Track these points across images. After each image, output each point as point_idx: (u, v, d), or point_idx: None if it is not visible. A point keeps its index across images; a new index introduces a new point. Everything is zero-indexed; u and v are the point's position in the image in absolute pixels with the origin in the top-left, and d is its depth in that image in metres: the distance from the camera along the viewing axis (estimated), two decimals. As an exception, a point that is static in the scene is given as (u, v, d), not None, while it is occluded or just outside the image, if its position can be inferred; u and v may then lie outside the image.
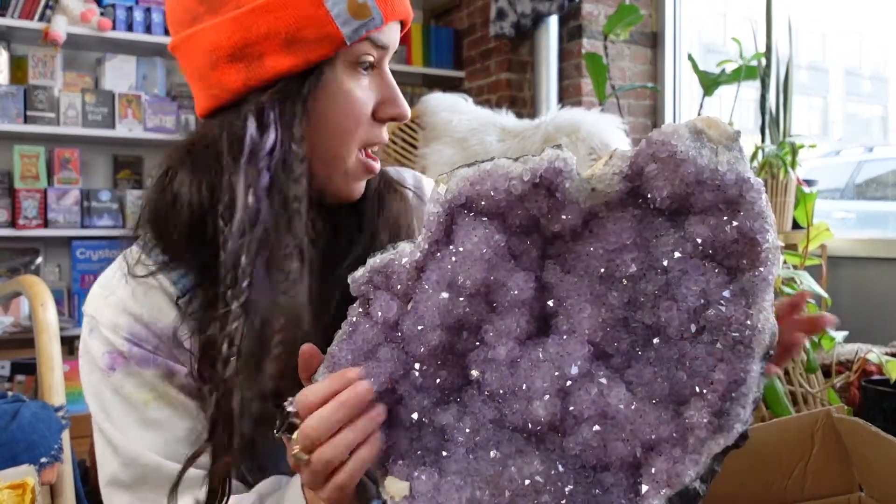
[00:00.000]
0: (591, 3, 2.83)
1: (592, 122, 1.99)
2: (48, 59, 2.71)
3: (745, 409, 0.46)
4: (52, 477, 1.15)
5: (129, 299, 0.65)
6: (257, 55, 0.61)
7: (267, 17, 0.61)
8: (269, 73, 0.61)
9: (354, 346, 0.52)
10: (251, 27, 0.61)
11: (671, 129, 0.49)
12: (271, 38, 0.61)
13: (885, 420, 1.64)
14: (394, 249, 0.53)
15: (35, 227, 2.62)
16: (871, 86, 3.44)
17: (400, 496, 0.50)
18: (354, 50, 0.63)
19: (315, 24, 0.61)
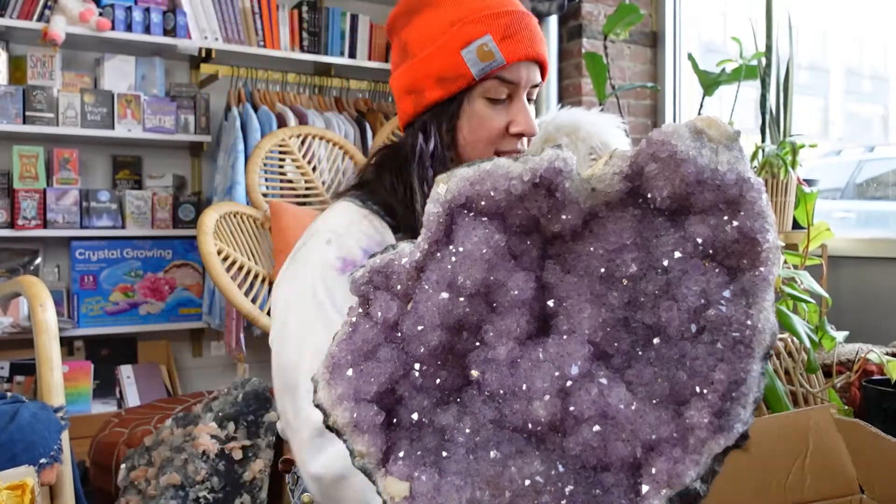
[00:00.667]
0: (591, 2, 2.83)
1: (592, 122, 1.99)
2: (47, 59, 2.71)
3: (745, 410, 0.46)
4: (51, 478, 1.15)
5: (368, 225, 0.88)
6: (420, 90, 0.90)
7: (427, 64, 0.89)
8: (428, 101, 0.90)
9: (354, 347, 0.52)
10: (417, 71, 0.90)
11: (671, 128, 0.49)
12: (429, 78, 0.89)
13: (886, 420, 1.64)
14: (394, 250, 0.53)
15: (34, 227, 2.62)
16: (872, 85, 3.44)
17: (400, 496, 0.49)
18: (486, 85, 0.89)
19: (454, 67, 0.88)
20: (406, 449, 0.51)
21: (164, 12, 2.80)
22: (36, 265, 2.79)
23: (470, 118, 0.90)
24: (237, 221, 2.36)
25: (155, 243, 2.90)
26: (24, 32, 2.63)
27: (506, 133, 0.90)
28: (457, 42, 0.87)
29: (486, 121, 0.89)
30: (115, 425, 2.14)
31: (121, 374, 2.79)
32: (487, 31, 0.87)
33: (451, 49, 0.88)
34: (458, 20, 0.88)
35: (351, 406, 0.51)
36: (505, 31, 0.88)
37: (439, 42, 0.88)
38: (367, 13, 3.30)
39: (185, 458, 1.82)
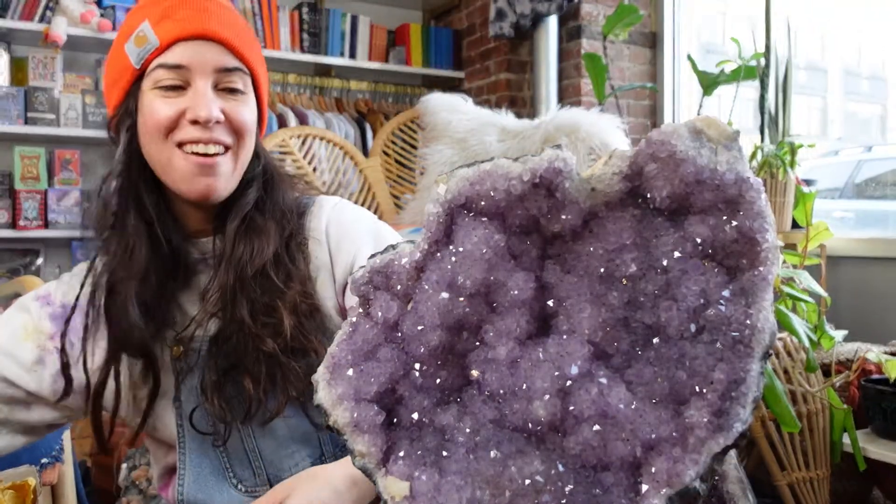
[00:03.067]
0: (591, 3, 2.83)
1: (592, 122, 1.99)
2: (48, 60, 2.71)
3: (745, 409, 0.46)
4: (52, 477, 1.15)
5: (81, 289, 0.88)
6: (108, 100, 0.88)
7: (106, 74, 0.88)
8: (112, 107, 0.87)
9: (354, 347, 0.52)
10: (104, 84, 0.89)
11: (671, 128, 0.49)
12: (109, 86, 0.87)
13: (885, 419, 1.64)
14: (394, 250, 0.53)
15: (35, 228, 2.62)
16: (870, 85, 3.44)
17: (400, 496, 0.50)
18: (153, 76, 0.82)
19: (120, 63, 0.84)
20: (406, 449, 0.51)
21: (164, 13, 2.80)
22: (37, 266, 2.79)
23: (143, 112, 0.83)
24: (237, 222, 2.36)
25: (155, 244, 2.89)
26: (25, 34, 2.63)
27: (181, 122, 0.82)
28: (122, 38, 0.83)
29: (155, 112, 0.81)
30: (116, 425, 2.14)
31: (121, 375, 2.78)
32: (146, 17, 0.81)
33: (119, 46, 0.84)
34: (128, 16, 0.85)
35: (351, 406, 0.51)
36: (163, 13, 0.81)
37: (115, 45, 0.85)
38: (367, 14, 3.30)
39: (185, 458, 1.82)
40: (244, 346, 0.81)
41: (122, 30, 0.84)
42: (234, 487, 0.83)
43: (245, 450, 0.84)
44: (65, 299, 0.87)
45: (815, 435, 1.64)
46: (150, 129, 0.82)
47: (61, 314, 0.85)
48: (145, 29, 0.81)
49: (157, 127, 0.82)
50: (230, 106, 0.83)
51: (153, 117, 0.82)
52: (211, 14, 0.82)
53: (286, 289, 0.83)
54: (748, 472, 1.18)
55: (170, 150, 0.82)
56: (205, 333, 0.84)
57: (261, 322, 0.81)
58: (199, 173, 0.82)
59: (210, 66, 0.82)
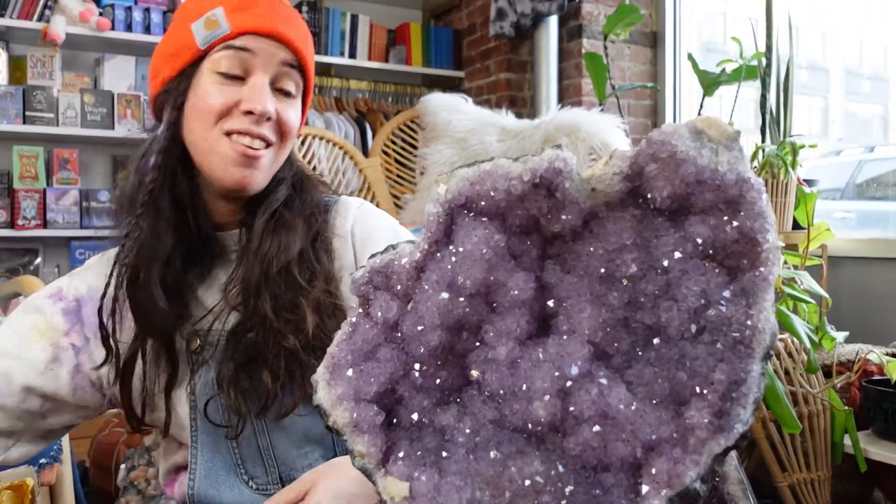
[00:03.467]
0: (591, 2, 2.83)
1: (592, 122, 1.99)
2: (47, 59, 2.71)
3: (745, 410, 0.46)
4: (51, 478, 1.15)
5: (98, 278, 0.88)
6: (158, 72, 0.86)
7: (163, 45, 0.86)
8: (163, 79, 0.84)
9: (354, 347, 0.52)
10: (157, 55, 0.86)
11: (671, 129, 0.49)
12: (163, 58, 0.85)
13: (886, 420, 1.64)
14: (394, 250, 0.53)
15: (34, 227, 2.62)
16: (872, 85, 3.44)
17: (400, 497, 0.49)
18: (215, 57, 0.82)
19: (183, 40, 0.83)
20: (406, 449, 0.51)
21: (165, 12, 2.80)
22: (36, 265, 2.79)
23: (196, 93, 0.82)
24: (237, 221, 2.36)
25: (155, 243, 2.89)
26: (24, 32, 2.63)
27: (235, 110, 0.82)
28: (190, 16, 0.83)
29: (210, 95, 0.81)
30: (114, 425, 2.14)
31: (121, 375, 2.79)
32: (220, 3, 0.82)
33: (183, 23, 0.83)
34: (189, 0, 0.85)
35: (351, 406, 0.51)
36: (239, 4, 0.82)
37: (177, 21, 0.84)
38: (367, 13, 3.30)
39: (184, 458, 1.82)
40: (265, 341, 0.81)
41: (189, 7, 0.84)
42: (245, 484, 0.83)
43: (258, 447, 0.84)
44: (77, 293, 0.86)
45: (816, 436, 1.64)
46: (202, 112, 0.82)
47: (75, 308, 0.85)
48: (218, 14, 0.81)
49: (210, 111, 0.81)
50: (281, 106, 0.84)
51: (208, 101, 0.81)
52: (281, 14, 0.84)
53: (310, 287, 0.83)
54: (749, 474, 1.18)
55: (216, 135, 0.82)
56: (223, 327, 0.83)
57: (283, 318, 0.81)
58: (241, 163, 0.82)
59: (273, 60, 0.83)
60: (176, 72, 0.83)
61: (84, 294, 0.86)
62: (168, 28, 0.87)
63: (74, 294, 0.86)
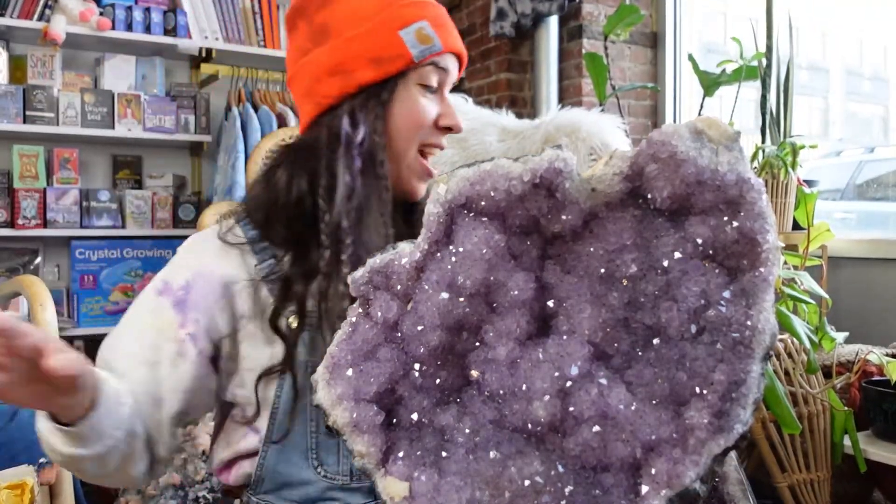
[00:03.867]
0: (592, 3, 2.83)
1: (592, 123, 1.99)
2: (47, 58, 2.71)
3: (745, 410, 0.46)
4: (50, 477, 1.15)
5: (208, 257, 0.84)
6: (349, 70, 0.82)
7: (358, 43, 0.82)
8: (359, 82, 0.82)
9: (354, 347, 0.52)
10: (346, 51, 0.82)
11: (671, 129, 0.49)
12: (361, 58, 0.82)
13: (886, 421, 1.64)
14: (394, 250, 0.53)
15: (34, 227, 2.62)
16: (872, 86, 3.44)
17: (399, 497, 0.49)
18: (420, 72, 0.83)
19: (392, 46, 0.82)
20: (406, 449, 0.51)
21: (165, 12, 2.80)
22: (36, 265, 2.79)
23: (403, 104, 0.84)
24: (237, 221, 2.36)
25: (155, 243, 2.90)
26: (24, 32, 2.63)
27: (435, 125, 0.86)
28: (395, 22, 0.82)
29: (420, 109, 0.84)
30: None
31: (121, 374, 2.79)
32: (423, 17, 0.83)
33: (389, 28, 0.82)
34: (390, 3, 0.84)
35: (350, 406, 0.51)
36: (437, 20, 0.85)
37: (374, 21, 0.83)
38: (367, 13, 3.30)
39: (184, 457, 1.82)
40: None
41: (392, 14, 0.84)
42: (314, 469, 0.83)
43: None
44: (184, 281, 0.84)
45: (816, 437, 1.64)
46: (411, 121, 0.84)
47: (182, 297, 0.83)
48: (426, 28, 0.83)
49: (420, 123, 0.84)
50: None
51: (420, 112, 0.84)
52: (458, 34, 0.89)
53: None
54: (748, 474, 1.18)
55: (411, 146, 0.85)
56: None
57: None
58: (421, 178, 0.87)
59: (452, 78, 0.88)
60: (381, 77, 0.82)
61: (189, 279, 0.84)
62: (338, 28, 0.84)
63: (180, 283, 0.84)
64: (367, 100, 0.83)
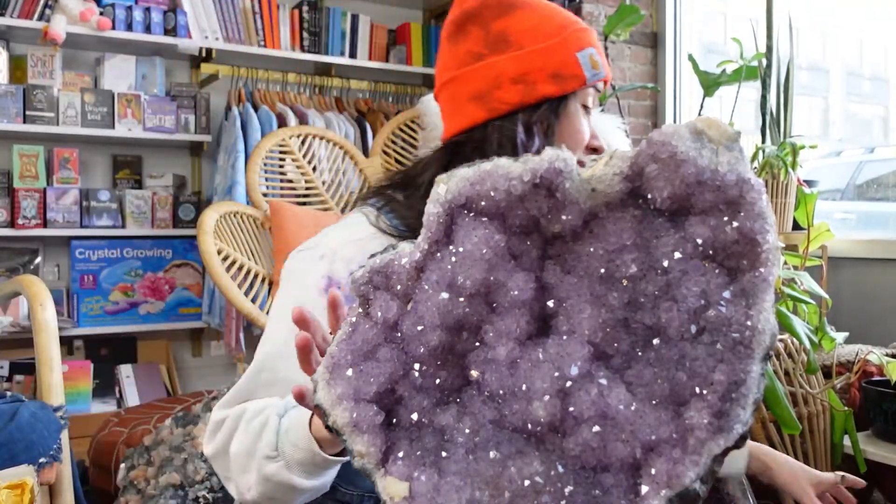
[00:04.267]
0: (592, 3, 2.83)
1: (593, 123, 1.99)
2: (47, 58, 2.71)
3: (745, 410, 0.46)
4: (50, 477, 1.15)
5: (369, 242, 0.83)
6: (532, 82, 0.86)
7: (542, 57, 0.87)
8: (541, 94, 0.86)
9: (354, 347, 0.52)
10: (531, 63, 0.87)
11: (671, 129, 0.49)
12: (542, 71, 0.86)
13: (886, 421, 1.64)
14: (394, 250, 0.53)
15: (34, 226, 2.62)
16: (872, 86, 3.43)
17: (399, 497, 0.49)
18: (585, 93, 0.89)
19: (571, 66, 0.87)
20: (406, 449, 0.51)
21: (165, 12, 2.80)
22: (36, 264, 2.79)
23: (570, 121, 0.89)
24: (237, 221, 2.36)
25: (155, 243, 2.90)
26: (24, 32, 2.63)
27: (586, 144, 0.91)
28: (574, 44, 0.88)
29: (580, 127, 0.90)
30: (114, 425, 2.14)
31: (120, 374, 2.79)
32: (593, 44, 0.90)
33: (568, 49, 0.88)
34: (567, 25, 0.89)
35: (350, 406, 0.51)
36: (599, 49, 0.91)
37: (556, 40, 0.88)
38: (367, 13, 3.30)
39: (184, 457, 1.82)
40: None
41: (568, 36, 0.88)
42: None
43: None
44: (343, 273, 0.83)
45: (816, 437, 1.64)
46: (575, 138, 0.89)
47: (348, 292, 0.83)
48: (595, 55, 0.89)
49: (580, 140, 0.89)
50: None
51: (583, 131, 0.90)
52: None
53: None
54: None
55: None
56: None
57: None
58: None
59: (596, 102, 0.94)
60: (559, 93, 0.87)
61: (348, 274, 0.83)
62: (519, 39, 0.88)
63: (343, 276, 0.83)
64: (544, 112, 0.87)
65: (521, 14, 0.88)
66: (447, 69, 0.91)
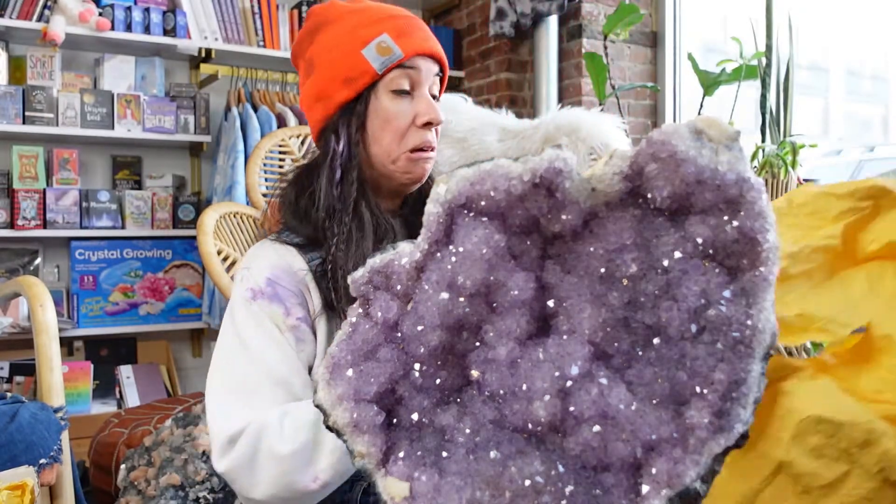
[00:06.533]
0: (591, 2, 2.83)
1: (592, 122, 1.99)
2: (46, 59, 2.71)
3: (745, 410, 0.46)
4: (51, 478, 1.15)
5: (273, 255, 0.91)
6: (329, 95, 0.94)
7: (332, 69, 0.93)
8: (337, 102, 0.93)
9: (354, 347, 0.52)
10: (324, 78, 0.94)
11: (671, 128, 0.49)
12: (335, 81, 0.93)
13: (886, 420, 1.64)
14: (394, 250, 0.53)
15: (34, 227, 2.62)
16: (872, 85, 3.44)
17: (400, 497, 0.49)
18: (388, 78, 0.92)
19: (357, 65, 0.92)
20: (406, 449, 0.51)
21: (164, 12, 2.80)
22: (36, 265, 2.79)
23: (377, 113, 0.93)
24: (237, 221, 2.36)
25: (155, 243, 2.90)
26: (23, 32, 2.63)
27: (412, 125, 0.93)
28: (356, 44, 0.93)
29: (392, 113, 0.93)
30: (114, 425, 2.14)
31: (120, 375, 2.79)
32: (384, 31, 0.93)
33: (352, 50, 0.92)
34: (355, 27, 0.94)
35: (351, 406, 0.51)
36: (399, 30, 0.93)
37: (343, 48, 0.93)
38: (366, 13, 3.30)
39: (185, 458, 1.82)
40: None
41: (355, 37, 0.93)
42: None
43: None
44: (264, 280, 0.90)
45: (816, 435, 1.64)
46: (390, 129, 0.92)
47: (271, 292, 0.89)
48: (388, 41, 0.92)
49: (397, 128, 0.92)
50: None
51: (393, 117, 0.92)
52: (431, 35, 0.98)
53: None
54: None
55: (400, 151, 0.93)
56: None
57: None
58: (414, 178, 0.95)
59: (430, 74, 0.96)
60: (354, 94, 0.92)
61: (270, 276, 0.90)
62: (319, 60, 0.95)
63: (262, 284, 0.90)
64: (345, 116, 0.93)
65: (322, 36, 0.96)
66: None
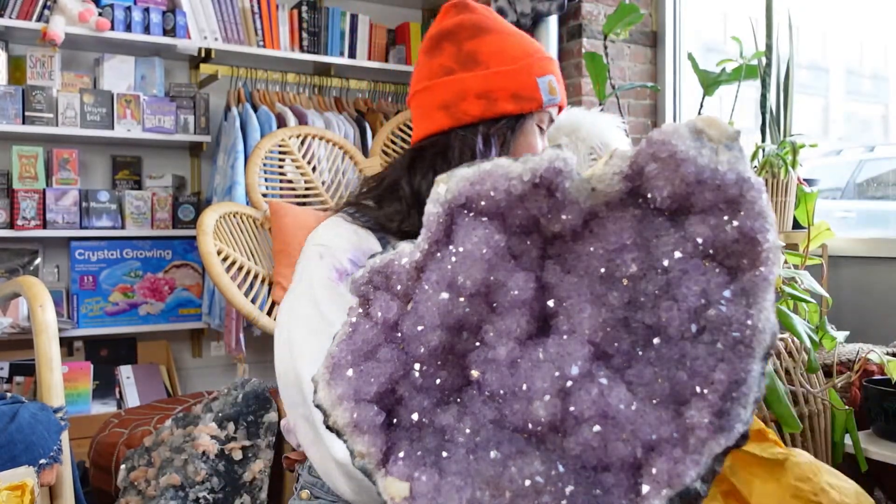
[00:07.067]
0: (591, 2, 2.83)
1: (592, 122, 1.99)
2: (46, 59, 2.71)
3: (746, 410, 0.46)
4: (51, 478, 1.15)
5: (353, 236, 0.92)
6: (494, 98, 0.97)
7: (505, 78, 0.97)
8: (500, 111, 0.97)
9: (354, 347, 0.52)
10: (495, 81, 0.97)
11: (671, 128, 0.49)
12: (505, 90, 0.97)
13: (887, 420, 1.64)
14: (394, 250, 0.53)
15: (34, 227, 2.62)
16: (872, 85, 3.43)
17: (400, 497, 0.49)
18: (541, 115, 1.00)
19: (531, 89, 0.98)
20: (406, 449, 0.51)
21: (164, 12, 2.80)
22: (35, 265, 2.79)
23: (525, 138, 0.99)
24: (237, 221, 2.36)
25: (154, 243, 2.90)
26: (23, 32, 2.63)
27: None
28: (533, 69, 0.98)
29: (534, 146, 0.99)
30: (114, 426, 2.14)
31: (120, 375, 2.79)
32: (552, 72, 1.00)
33: (528, 72, 0.98)
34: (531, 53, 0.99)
35: (351, 406, 0.51)
36: (559, 77, 1.01)
37: (520, 64, 0.98)
38: (366, 13, 3.30)
39: (185, 458, 1.82)
40: None
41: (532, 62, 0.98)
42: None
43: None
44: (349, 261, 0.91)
45: (817, 436, 1.64)
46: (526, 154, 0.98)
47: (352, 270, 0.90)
48: (553, 82, 0.99)
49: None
50: None
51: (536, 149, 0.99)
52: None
53: None
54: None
55: None
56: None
57: None
58: None
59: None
60: (518, 112, 0.97)
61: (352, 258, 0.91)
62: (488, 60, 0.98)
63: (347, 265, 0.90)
64: (502, 127, 0.97)
65: (491, 38, 0.99)
66: (421, 79, 1.01)
